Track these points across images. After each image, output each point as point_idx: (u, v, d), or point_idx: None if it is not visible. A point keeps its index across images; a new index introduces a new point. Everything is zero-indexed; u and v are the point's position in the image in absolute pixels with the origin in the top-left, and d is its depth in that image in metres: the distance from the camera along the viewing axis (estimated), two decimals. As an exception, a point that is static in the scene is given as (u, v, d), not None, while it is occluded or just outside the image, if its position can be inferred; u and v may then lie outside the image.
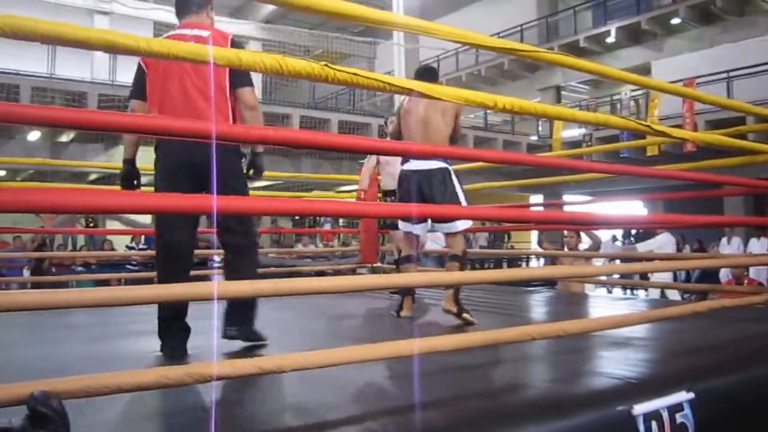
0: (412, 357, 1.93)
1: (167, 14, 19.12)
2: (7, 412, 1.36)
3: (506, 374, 2.48)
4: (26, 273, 9.21)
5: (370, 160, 5.66)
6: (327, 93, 20.57)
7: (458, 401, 2.00)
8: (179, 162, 2.86)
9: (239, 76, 2.92)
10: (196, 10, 3.13)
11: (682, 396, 2.02)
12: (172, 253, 2.94)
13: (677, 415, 1.97)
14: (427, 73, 4.17)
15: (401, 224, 4.19)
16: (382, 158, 5.47)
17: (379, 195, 5.86)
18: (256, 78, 13.53)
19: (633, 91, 19.41)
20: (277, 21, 22.64)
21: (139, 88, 3.01)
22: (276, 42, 20.56)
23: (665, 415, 1.94)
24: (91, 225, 9.25)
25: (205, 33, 2.96)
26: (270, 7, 22.41)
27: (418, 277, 2.50)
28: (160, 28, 18.66)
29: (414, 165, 3.93)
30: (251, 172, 3.13)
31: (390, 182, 5.40)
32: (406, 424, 1.72)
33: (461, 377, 2.35)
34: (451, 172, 4.01)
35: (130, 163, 3.09)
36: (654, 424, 1.90)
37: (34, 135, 15.93)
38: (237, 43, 2.97)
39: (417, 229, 4.05)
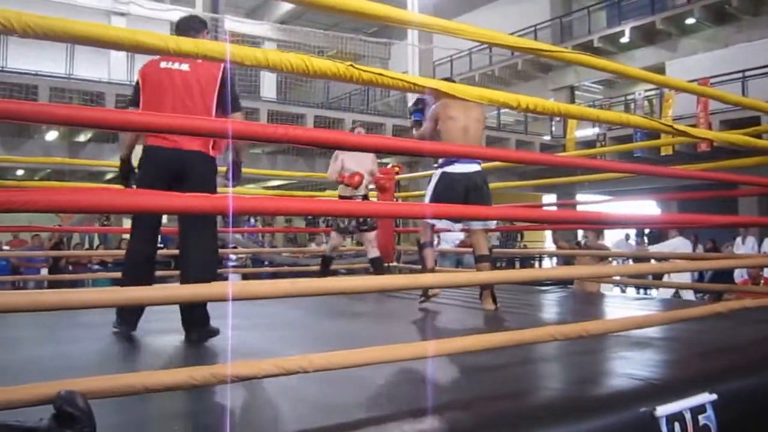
0: (433, 357, 1.95)
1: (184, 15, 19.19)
2: (32, 412, 1.38)
3: (527, 375, 2.48)
4: (43, 271, 9.29)
5: (336, 162, 5.81)
6: (340, 93, 20.58)
7: (480, 402, 2.00)
8: (157, 167, 3.19)
9: (226, 104, 3.20)
10: (194, 34, 3.29)
11: (705, 397, 2.02)
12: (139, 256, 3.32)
13: (700, 417, 1.97)
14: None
15: (438, 222, 4.42)
16: (347, 164, 5.59)
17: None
18: (271, 78, 13.63)
19: (647, 91, 19.33)
20: (292, 22, 22.69)
21: (135, 101, 3.30)
22: (291, 43, 20.59)
23: (688, 416, 1.94)
24: (106, 224, 9.31)
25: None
26: (285, 8, 22.52)
27: (442, 277, 2.52)
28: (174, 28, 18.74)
29: (459, 168, 4.16)
30: (234, 179, 3.47)
31: (346, 189, 5.59)
32: (429, 425, 1.72)
33: (482, 378, 2.35)
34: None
35: (124, 161, 3.47)
36: (677, 425, 1.90)
37: (51, 135, 16.08)
38: (227, 68, 3.22)
39: (446, 224, 4.38)
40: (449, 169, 4.19)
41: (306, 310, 4.35)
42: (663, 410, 1.90)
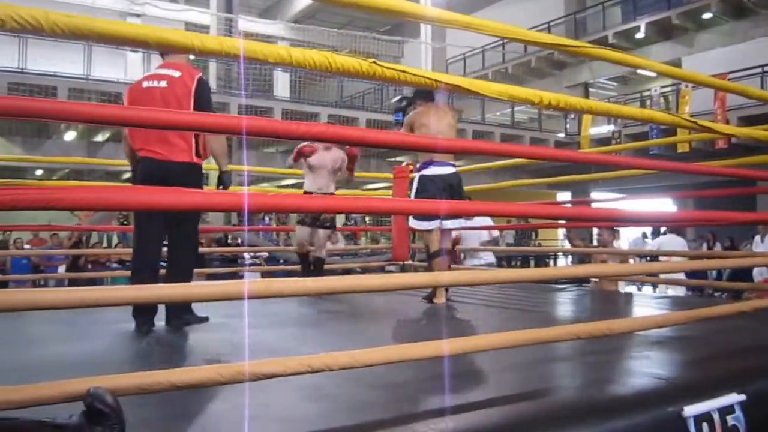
0: (456, 356, 1.94)
1: (198, 15, 19.32)
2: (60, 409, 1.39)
3: (551, 374, 2.47)
4: (61, 269, 9.39)
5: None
6: (354, 92, 20.61)
7: (505, 401, 1.99)
8: (144, 177, 3.44)
9: (204, 109, 3.41)
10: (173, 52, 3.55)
11: (733, 398, 1.99)
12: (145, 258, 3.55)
13: (728, 417, 1.94)
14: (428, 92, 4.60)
15: (416, 222, 4.57)
16: (313, 161, 5.50)
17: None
18: (285, 77, 13.62)
19: (663, 87, 19.21)
20: (305, 21, 22.75)
21: None
22: (304, 42, 20.63)
23: (716, 417, 1.92)
24: (125, 223, 9.38)
25: (176, 73, 3.50)
26: (298, 8, 22.57)
27: (461, 275, 2.51)
28: (190, 29, 18.85)
29: (436, 170, 4.43)
30: (220, 187, 3.72)
31: (313, 186, 5.51)
32: (454, 424, 1.72)
33: (506, 377, 2.35)
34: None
35: (132, 172, 3.71)
36: (705, 426, 1.88)
37: (70, 135, 16.23)
38: (201, 80, 3.51)
39: (434, 224, 4.46)
40: (427, 172, 4.48)
41: (315, 308, 4.36)
42: (690, 410, 1.88)
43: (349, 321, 4.10)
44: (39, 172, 18.90)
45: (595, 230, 13.39)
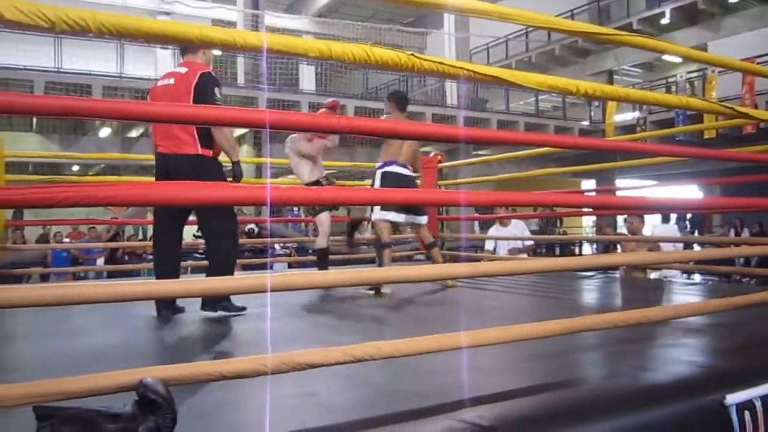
0: (494, 345, 1.97)
1: (226, 12, 19.44)
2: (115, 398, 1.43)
3: (588, 362, 2.48)
4: (100, 261, 9.57)
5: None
6: (379, 83, 20.61)
7: (547, 390, 2.00)
8: (157, 170, 3.66)
9: (204, 102, 3.43)
10: (193, 50, 3.74)
11: (775, 385, 1.97)
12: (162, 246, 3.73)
13: (771, 405, 1.92)
14: (402, 96, 5.33)
15: (381, 213, 4.79)
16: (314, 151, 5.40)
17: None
18: (310, 70, 13.64)
19: (689, 73, 18.96)
20: (329, 15, 22.79)
21: None
22: (329, 35, 20.67)
23: (758, 405, 1.90)
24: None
25: (184, 70, 3.64)
26: (323, 2, 22.61)
27: (499, 265, 2.53)
28: (217, 26, 18.99)
29: (396, 169, 4.80)
30: (229, 179, 3.81)
31: (316, 174, 5.42)
32: (499, 412, 1.73)
33: (543, 365, 2.35)
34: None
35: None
36: (747, 414, 1.87)
37: (105, 131, 16.49)
38: (203, 75, 3.57)
39: (400, 218, 4.85)
40: (389, 169, 4.82)
41: (354, 299, 4.41)
42: (733, 398, 1.86)
43: (375, 310, 4.11)
44: (75, 168, 19.28)
45: (619, 218, 13.29)
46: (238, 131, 14.69)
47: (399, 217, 4.87)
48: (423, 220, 5.05)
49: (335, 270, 2.04)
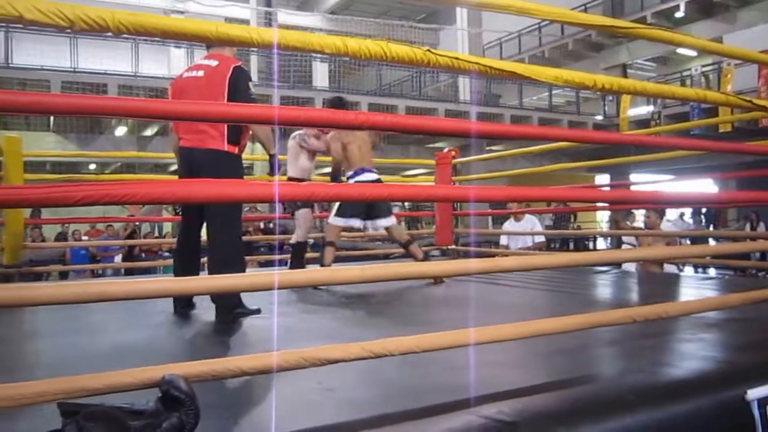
0: (511, 341, 1.96)
1: (239, 10, 19.51)
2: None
3: (607, 358, 2.47)
4: (117, 259, 9.66)
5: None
6: (392, 80, 20.61)
7: (567, 385, 1.99)
8: (180, 165, 3.62)
9: (241, 99, 3.44)
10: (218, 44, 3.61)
11: (798, 380, 1.95)
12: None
13: (793, 400, 1.90)
14: (339, 102, 5.23)
15: (339, 220, 4.92)
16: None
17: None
18: (324, 67, 13.67)
19: (704, 66, 18.81)
20: (342, 12, 22.80)
21: None
22: (342, 32, 20.67)
23: (780, 399, 1.88)
24: (179, 213, 9.58)
25: (214, 63, 3.56)
26: (335, -1, 22.67)
27: (521, 260, 2.52)
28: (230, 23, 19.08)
29: (366, 177, 4.89)
30: (272, 170, 3.86)
31: (305, 170, 5.51)
32: (519, 407, 1.73)
33: (564, 361, 2.34)
34: None
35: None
36: (769, 408, 1.85)
37: (120, 130, 16.63)
38: (237, 69, 3.53)
39: (357, 222, 4.96)
40: (360, 178, 4.90)
41: (374, 295, 4.41)
42: (754, 393, 1.85)
43: (392, 306, 4.12)
44: (92, 167, 19.48)
45: (636, 212, 13.22)
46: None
47: (356, 223, 5.00)
48: (386, 222, 5.10)
49: (342, 267, 2.03)
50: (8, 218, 4.86)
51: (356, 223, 4.97)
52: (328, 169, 5.54)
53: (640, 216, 8.55)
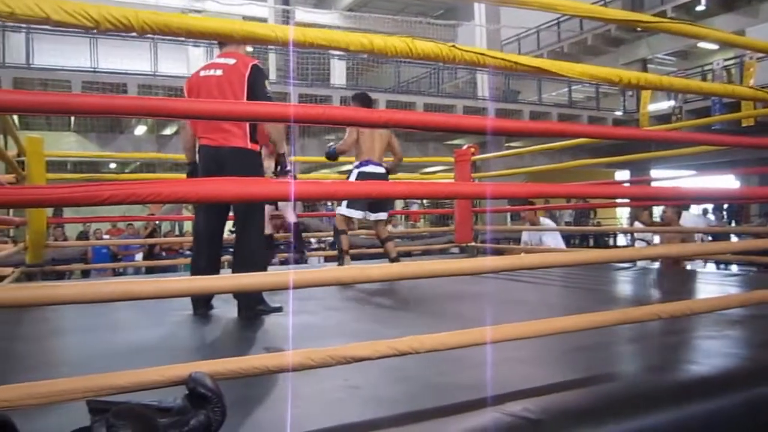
0: (536, 338, 1.95)
1: (257, 9, 19.59)
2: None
3: (633, 355, 2.45)
4: (138, 257, 9.74)
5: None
6: (410, 77, 20.59)
7: (592, 383, 1.98)
8: (204, 163, 3.61)
9: (259, 98, 3.49)
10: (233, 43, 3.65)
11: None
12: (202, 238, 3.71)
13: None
14: (367, 99, 5.37)
15: (346, 210, 5.18)
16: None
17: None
18: (341, 65, 13.68)
19: (725, 60, 18.60)
20: (360, 9, 22.81)
21: None
22: (359, 30, 20.68)
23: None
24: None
25: (231, 61, 3.59)
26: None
27: (544, 257, 2.50)
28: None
29: (371, 169, 5.12)
30: (278, 168, 3.97)
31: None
32: (544, 405, 1.72)
33: (589, 358, 2.33)
34: None
35: (192, 164, 3.86)
36: (797, 406, 1.83)
37: (140, 129, 16.78)
38: (255, 67, 3.56)
39: (356, 213, 5.24)
40: (365, 169, 5.11)
41: (397, 293, 4.41)
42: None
43: (413, 303, 4.10)
44: (112, 165, 19.68)
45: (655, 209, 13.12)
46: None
47: (358, 214, 5.28)
48: (380, 216, 5.40)
49: (363, 265, 2.03)
50: (31, 217, 4.91)
51: (356, 214, 5.26)
52: (348, 167, 5.63)
53: (657, 212, 8.50)
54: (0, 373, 2.14)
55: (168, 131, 17.24)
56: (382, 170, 5.28)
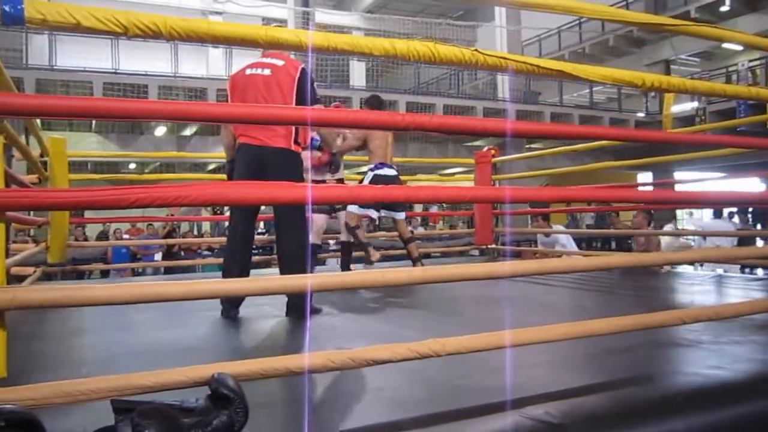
0: (558, 341, 1.95)
1: (277, 10, 19.69)
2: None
3: (657, 359, 2.42)
4: (157, 257, 9.83)
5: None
6: (429, 78, 20.58)
7: (615, 387, 1.98)
8: (244, 162, 3.56)
9: (303, 99, 3.51)
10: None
11: None
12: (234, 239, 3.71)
13: None
14: (377, 102, 5.46)
15: (360, 210, 5.14)
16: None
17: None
18: (361, 66, 13.69)
19: (750, 61, 18.37)
20: (379, 10, 22.84)
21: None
22: (379, 31, 20.74)
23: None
24: (218, 212, 9.77)
25: (280, 62, 3.61)
26: (372, -3, 22.72)
27: (568, 262, 2.50)
28: (268, 24, 19.29)
29: (386, 171, 5.16)
30: (331, 167, 4.11)
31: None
32: (567, 409, 1.72)
33: (612, 362, 2.32)
34: None
35: (230, 163, 3.78)
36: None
37: (160, 130, 16.97)
38: (304, 71, 3.58)
39: (373, 213, 5.27)
40: (379, 171, 5.16)
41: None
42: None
43: (434, 305, 4.09)
44: (132, 166, 19.87)
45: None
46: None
47: (374, 213, 5.29)
48: (399, 216, 5.44)
49: (389, 269, 2.03)
50: (54, 218, 4.96)
51: (372, 213, 5.27)
52: (364, 168, 5.66)
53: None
54: (24, 372, 2.17)
55: (188, 132, 17.38)
56: (395, 173, 5.33)
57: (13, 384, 1.43)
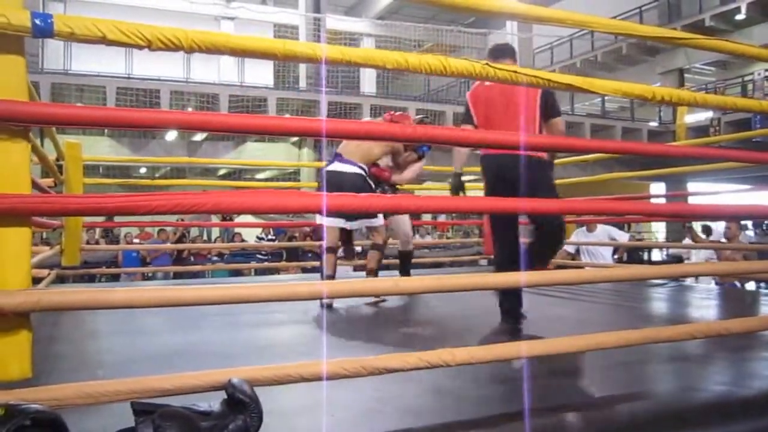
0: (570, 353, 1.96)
1: (289, 16, 19.79)
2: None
3: (667, 374, 2.41)
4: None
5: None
6: (439, 85, 20.60)
7: (623, 401, 1.98)
8: (494, 174, 3.51)
9: (551, 109, 3.43)
10: (510, 54, 3.68)
11: None
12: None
13: None
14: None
15: (323, 219, 4.54)
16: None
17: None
18: (371, 73, 13.67)
19: (766, 71, 18.23)
20: (390, 17, 22.90)
21: (466, 116, 3.67)
22: (390, 37, 20.81)
23: None
24: (228, 219, 9.81)
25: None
26: (383, 4, 22.72)
27: (596, 272, 2.50)
28: (279, 30, 19.42)
29: (336, 167, 4.49)
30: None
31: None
32: (575, 421, 1.74)
33: (622, 376, 2.32)
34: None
35: (457, 176, 3.71)
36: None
37: (171, 135, 17.10)
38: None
39: (341, 222, 4.55)
40: (330, 167, 4.50)
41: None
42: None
43: (445, 315, 4.10)
44: (143, 170, 19.99)
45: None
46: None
47: (343, 224, 4.61)
48: (376, 222, 4.71)
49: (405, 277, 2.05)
50: (69, 222, 5.00)
51: (340, 222, 4.58)
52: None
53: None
54: (43, 373, 2.20)
55: (198, 137, 17.48)
56: (353, 169, 4.60)
57: (36, 385, 1.46)
